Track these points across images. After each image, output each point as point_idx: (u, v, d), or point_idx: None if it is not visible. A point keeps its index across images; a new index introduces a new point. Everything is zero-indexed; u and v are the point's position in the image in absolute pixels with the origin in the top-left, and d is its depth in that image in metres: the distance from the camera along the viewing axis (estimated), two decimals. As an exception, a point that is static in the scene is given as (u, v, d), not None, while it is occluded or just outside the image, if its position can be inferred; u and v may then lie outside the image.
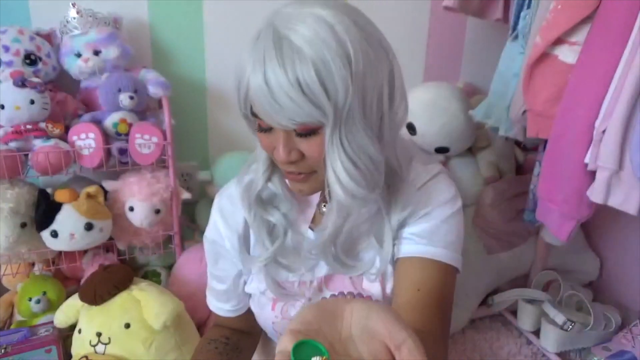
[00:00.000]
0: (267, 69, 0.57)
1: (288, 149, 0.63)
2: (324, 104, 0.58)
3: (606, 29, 0.89)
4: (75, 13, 1.17)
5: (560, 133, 0.98)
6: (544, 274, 1.50)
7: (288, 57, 0.57)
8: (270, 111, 0.59)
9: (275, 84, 0.57)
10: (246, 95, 0.61)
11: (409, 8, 1.52)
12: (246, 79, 0.60)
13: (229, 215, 0.80)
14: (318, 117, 0.59)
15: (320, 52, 0.57)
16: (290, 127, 0.61)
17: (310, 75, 0.56)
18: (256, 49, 0.60)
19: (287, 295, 0.77)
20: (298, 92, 0.57)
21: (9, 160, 1.05)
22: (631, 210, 0.87)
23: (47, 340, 1.07)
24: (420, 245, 0.72)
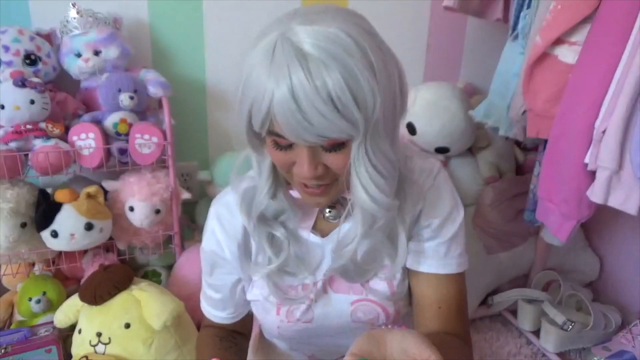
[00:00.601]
0: (295, 85, 0.54)
1: (314, 165, 0.61)
2: (355, 117, 0.56)
3: (606, 29, 0.89)
4: (75, 13, 1.17)
5: (560, 133, 0.98)
6: (544, 274, 1.50)
7: (315, 71, 0.54)
8: (298, 128, 0.56)
9: (304, 100, 0.54)
10: (267, 113, 0.57)
11: (409, 8, 1.52)
12: (268, 95, 0.56)
13: (227, 223, 0.78)
14: (349, 132, 0.57)
15: (347, 63, 0.55)
16: (318, 144, 0.59)
17: (341, 88, 0.54)
18: (276, 64, 0.55)
19: (291, 299, 0.76)
20: (330, 108, 0.55)
21: (9, 160, 1.05)
22: (631, 210, 0.86)
23: (47, 340, 1.07)
24: (434, 265, 0.76)
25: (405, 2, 1.51)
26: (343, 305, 0.77)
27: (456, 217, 0.77)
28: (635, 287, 1.47)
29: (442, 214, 0.75)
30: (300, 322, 0.77)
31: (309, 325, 0.78)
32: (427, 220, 0.75)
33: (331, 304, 0.77)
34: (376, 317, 0.78)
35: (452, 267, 0.77)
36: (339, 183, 0.66)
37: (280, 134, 0.59)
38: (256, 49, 0.59)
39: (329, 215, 0.76)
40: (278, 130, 0.59)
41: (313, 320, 0.78)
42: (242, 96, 0.60)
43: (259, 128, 0.60)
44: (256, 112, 0.58)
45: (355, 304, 0.77)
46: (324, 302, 0.77)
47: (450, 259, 0.77)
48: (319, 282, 0.77)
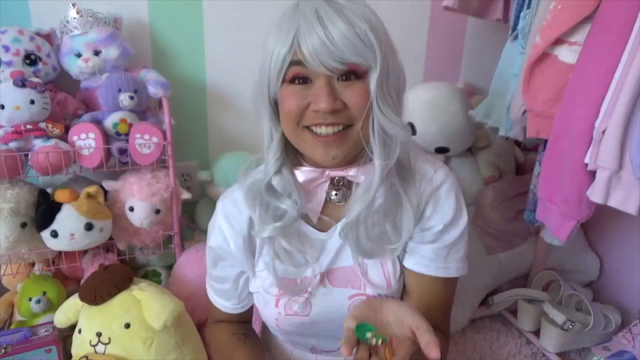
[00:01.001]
0: (324, 18, 0.63)
1: (333, 97, 0.66)
2: (374, 45, 0.65)
3: (606, 29, 0.89)
4: (75, 13, 1.17)
5: (560, 133, 0.98)
6: (544, 274, 1.50)
7: (341, 11, 0.64)
8: (322, 51, 0.63)
9: (328, 22, 0.63)
10: (291, 44, 0.64)
11: (409, 8, 1.52)
12: (294, 27, 0.64)
13: (233, 218, 0.80)
14: (368, 58, 0.65)
15: (365, 10, 0.67)
16: (339, 69, 0.65)
17: (363, 23, 0.64)
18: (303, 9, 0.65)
19: (292, 290, 0.78)
20: (351, 30, 0.63)
21: (9, 160, 1.05)
22: (631, 210, 0.86)
23: (47, 340, 1.07)
24: (433, 267, 0.78)
25: (405, 2, 1.51)
26: (341, 299, 0.78)
27: (459, 223, 0.78)
28: (635, 287, 1.47)
29: (445, 219, 0.77)
30: (297, 315, 0.79)
31: (305, 319, 0.79)
32: (430, 222, 0.77)
33: (329, 298, 0.79)
34: None
35: (449, 272, 0.79)
36: (352, 132, 0.69)
37: (302, 61, 0.65)
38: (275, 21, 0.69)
39: (335, 198, 0.78)
40: (299, 58, 0.65)
41: (310, 314, 0.79)
42: (263, 57, 0.69)
43: (278, 69, 0.67)
44: (277, 54, 0.66)
45: (352, 298, 0.78)
46: (322, 295, 0.79)
47: (450, 263, 0.79)
48: (317, 275, 0.79)
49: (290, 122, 0.70)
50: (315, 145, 0.70)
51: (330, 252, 0.79)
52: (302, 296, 0.78)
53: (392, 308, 0.60)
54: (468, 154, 1.52)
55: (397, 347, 0.55)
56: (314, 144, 0.70)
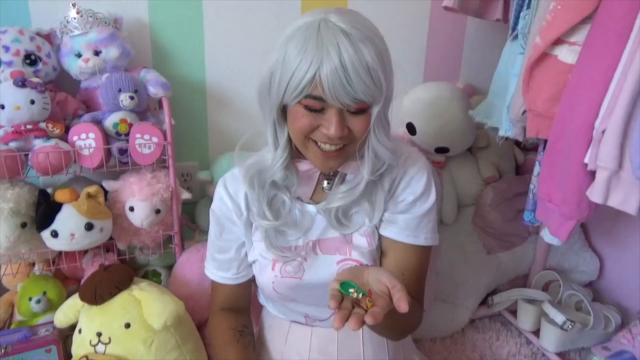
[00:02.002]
0: (343, 54, 0.69)
1: (342, 126, 0.75)
2: (382, 84, 0.73)
3: (606, 29, 0.89)
4: (75, 13, 1.17)
5: (560, 133, 0.98)
6: (544, 274, 1.50)
7: (356, 46, 0.70)
8: (341, 92, 0.71)
9: (350, 68, 0.70)
10: (312, 79, 0.71)
11: (409, 8, 1.52)
12: (316, 63, 0.70)
13: (232, 190, 0.92)
14: (376, 96, 0.74)
15: (376, 43, 0.73)
16: (350, 106, 0.73)
17: (375, 61, 0.71)
18: (323, 38, 0.70)
19: (286, 256, 0.88)
20: (368, 75, 0.71)
21: (9, 160, 1.05)
22: (631, 210, 0.87)
23: (47, 340, 1.07)
24: (404, 235, 0.89)
25: (405, 2, 1.51)
26: (330, 264, 0.88)
27: (429, 197, 0.90)
28: (635, 287, 1.47)
29: (415, 192, 0.89)
30: (292, 277, 0.89)
31: (299, 281, 0.88)
32: (403, 195, 0.89)
33: (319, 263, 0.89)
34: None
35: (419, 240, 0.89)
36: (350, 148, 0.80)
37: (319, 97, 0.73)
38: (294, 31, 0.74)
39: (327, 186, 0.90)
40: (317, 94, 0.72)
41: (303, 276, 0.88)
42: (282, 71, 0.74)
43: (297, 94, 0.73)
44: (299, 79, 0.72)
45: (340, 263, 0.88)
46: (313, 261, 0.89)
47: (420, 232, 0.89)
48: (309, 242, 0.90)
49: (299, 135, 0.79)
50: (318, 156, 0.80)
51: (320, 224, 0.90)
52: (297, 260, 0.89)
53: (372, 271, 0.69)
54: (468, 154, 1.52)
55: (375, 299, 0.63)
56: (316, 154, 0.80)
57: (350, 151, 0.81)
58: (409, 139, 1.42)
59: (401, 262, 0.89)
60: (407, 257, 0.89)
